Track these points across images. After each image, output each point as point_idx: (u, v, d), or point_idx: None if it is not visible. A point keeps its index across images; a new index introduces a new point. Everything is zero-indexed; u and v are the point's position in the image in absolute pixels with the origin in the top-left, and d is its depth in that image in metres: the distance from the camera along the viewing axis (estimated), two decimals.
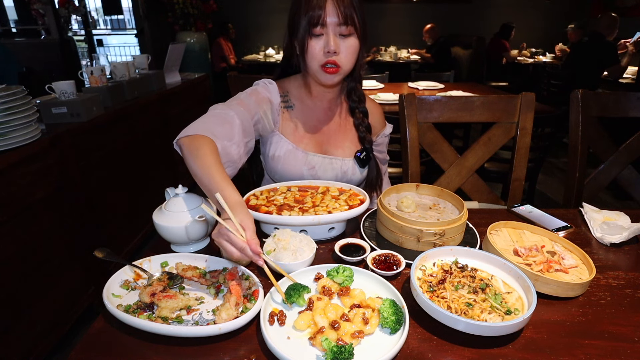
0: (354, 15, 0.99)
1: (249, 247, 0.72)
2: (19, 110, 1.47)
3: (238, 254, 0.73)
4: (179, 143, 0.94)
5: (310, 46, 1.02)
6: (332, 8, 0.97)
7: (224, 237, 0.73)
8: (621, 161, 1.42)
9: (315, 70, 1.05)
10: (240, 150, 1.02)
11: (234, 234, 0.72)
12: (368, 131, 1.20)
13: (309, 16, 0.98)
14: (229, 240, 0.73)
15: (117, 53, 8.72)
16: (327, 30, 0.99)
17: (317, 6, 0.97)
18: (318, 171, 1.16)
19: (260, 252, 0.73)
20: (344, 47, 1.02)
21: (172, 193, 0.96)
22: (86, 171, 1.87)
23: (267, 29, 6.86)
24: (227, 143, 0.97)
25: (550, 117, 2.25)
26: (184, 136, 0.94)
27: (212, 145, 0.91)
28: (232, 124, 1.01)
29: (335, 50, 1.00)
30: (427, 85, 3.43)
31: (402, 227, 0.91)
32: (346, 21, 0.98)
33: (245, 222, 0.74)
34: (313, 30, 0.99)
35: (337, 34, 1.00)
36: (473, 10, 6.90)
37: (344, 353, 0.60)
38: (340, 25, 0.99)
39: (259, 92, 1.12)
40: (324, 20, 0.98)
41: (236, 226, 0.73)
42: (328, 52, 1.00)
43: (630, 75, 4.32)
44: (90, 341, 0.68)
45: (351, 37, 1.02)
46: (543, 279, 0.77)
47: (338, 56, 1.02)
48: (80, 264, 1.82)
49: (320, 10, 0.97)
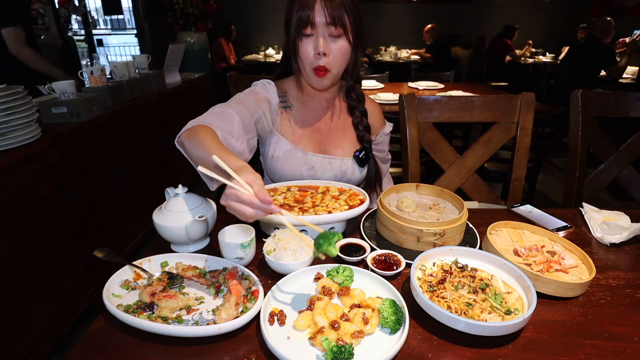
0: (344, 16, 0.98)
1: (257, 199, 0.68)
2: (19, 110, 1.47)
3: (250, 210, 0.69)
4: (180, 140, 0.93)
5: (300, 47, 1.02)
6: (320, 8, 0.97)
7: (231, 197, 0.70)
8: (621, 161, 1.42)
9: (307, 72, 1.06)
10: (242, 145, 1.02)
11: (241, 190, 0.69)
12: (367, 131, 1.20)
13: (299, 16, 0.99)
14: (237, 199, 0.69)
15: (117, 53, 8.72)
16: (317, 31, 0.99)
17: (306, 6, 0.98)
18: (317, 171, 1.16)
19: (270, 200, 0.69)
20: (333, 49, 1.01)
21: (172, 193, 0.96)
22: (86, 171, 1.87)
23: (267, 29, 6.86)
24: (227, 136, 0.97)
25: (550, 117, 2.25)
26: (184, 131, 0.93)
27: (211, 131, 0.90)
28: (232, 120, 1.01)
29: (325, 51, 1.00)
30: (427, 85, 3.43)
31: (402, 227, 0.91)
32: (334, 22, 0.98)
33: (251, 178, 0.70)
34: (303, 30, 1.00)
35: (326, 35, 1.00)
36: (473, 10, 6.90)
37: (344, 353, 0.60)
38: (328, 26, 0.98)
39: (258, 92, 1.12)
40: (313, 20, 0.98)
41: (242, 184, 0.70)
42: (318, 54, 1.00)
43: (630, 75, 4.32)
44: (90, 341, 0.68)
45: (341, 38, 1.01)
46: (543, 279, 0.77)
47: (327, 58, 1.02)
48: (80, 264, 1.82)
49: (309, 11, 0.97)
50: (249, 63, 5.95)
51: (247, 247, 0.85)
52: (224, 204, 0.72)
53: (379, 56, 6.16)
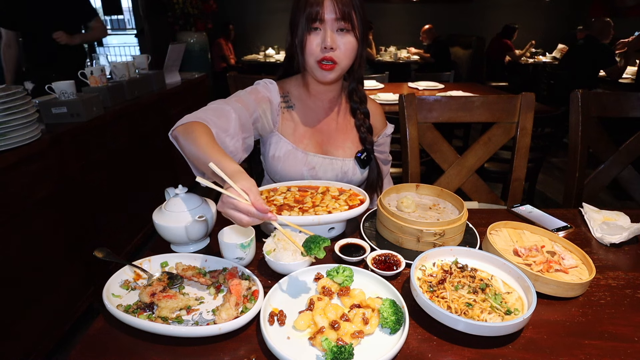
0: (353, 13, 1.00)
1: (254, 208, 0.70)
2: (19, 110, 1.47)
3: (247, 218, 0.71)
4: (174, 133, 0.94)
5: (307, 41, 1.02)
6: (330, 4, 0.99)
7: (228, 205, 0.71)
8: (621, 161, 1.42)
9: (312, 66, 1.06)
10: (237, 144, 1.02)
11: (238, 199, 0.70)
12: (369, 132, 1.20)
13: (307, 12, 1.00)
14: (234, 207, 0.71)
15: (117, 53, 8.73)
16: (325, 26, 1.00)
17: (315, 3, 0.99)
18: (318, 171, 1.16)
19: (267, 209, 0.71)
20: (341, 43, 1.02)
21: (172, 193, 0.97)
22: (86, 171, 1.87)
23: (267, 29, 6.86)
24: (222, 134, 0.97)
25: (550, 117, 2.25)
26: (179, 125, 0.93)
27: (207, 129, 0.91)
28: (228, 118, 1.01)
29: (332, 46, 1.01)
30: (427, 85, 3.43)
31: (402, 227, 0.91)
32: (344, 17, 0.99)
33: (247, 185, 0.72)
34: (311, 25, 1.01)
35: (334, 30, 1.01)
36: (473, 10, 6.90)
37: (344, 353, 0.60)
38: (338, 21, 1.00)
39: (259, 91, 1.12)
40: (322, 16, 0.99)
41: (238, 192, 0.71)
42: (325, 48, 1.01)
43: (630, 76, 4.32)
44: (90, 341, 0.68)
45: (349, 34, 1.02)
46: (543, 279, 0.77)
47: (335, 52, 1.02)
48: (80, 264, 1.82)
49: (319, 7, 0.99)
50: (249, 63, 5.95)
51: (247, 247, 0.85)
52: (221, 211, 0.73)
53: (379, 56, 6.15)
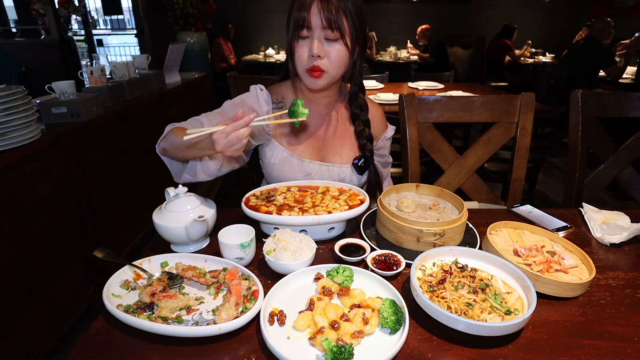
0: (342, 20, 0.97)
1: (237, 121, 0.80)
2: (18, 110, 1.47)
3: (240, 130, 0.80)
4: (160, 148, 1.01)
5: (296, 48, 1.02)
6: (317, 12, 0.96)
7: (220, 137, 0.80)
8: (621, 161, 1.42)
9: (301, 73, 1.05)
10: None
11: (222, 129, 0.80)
12: (369, 141, 1.18)
13: (295, 18, 0.98)
14: (226, 132, 0.80)
15: (117, 53, 8.72)
16: (313, 34, 0.98)
17: (303, 8, 0.97)
18: (314, 178, 1.15)
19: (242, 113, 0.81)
20: (330, 52, 1.00)
21: (172, 193, 0.97)
22: (86, 171, 1.87)
23: (267, 29, 6.86)
24: None
25: (550, 117, 2.25)
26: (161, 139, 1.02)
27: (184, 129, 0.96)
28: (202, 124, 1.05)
29: (319, 54, 0.99)
30: (427, 85, 3.43)
31: (402, 227, 0.91)
32: (331, 26, 0.96)
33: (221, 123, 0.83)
34: (299, 32, 0.99)
35: (322, 38, 0.99)
36: (473, 10, 6.90)
37: (344, 353, 0.60)
38: (324, 30, 0.97)
39: (246, 103, 1.12)
40: (309, 23, 0.97)
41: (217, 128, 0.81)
42: (312, 56, 1.00)
43: (630, 76, 4.31)
44: (90, 341, 0.68)
45: (338, 42, 1.00)
46: (543, 279, 0.77)
47: (322, 60, 1.00)
48: (80, 264, 1.82)
49: (306, 13, 0.97)
50: (249, 63, 5.95)
51: (247, 247, 0.85)
52: (220, 149, 0.82)
53: (379, 56, 6.15)
